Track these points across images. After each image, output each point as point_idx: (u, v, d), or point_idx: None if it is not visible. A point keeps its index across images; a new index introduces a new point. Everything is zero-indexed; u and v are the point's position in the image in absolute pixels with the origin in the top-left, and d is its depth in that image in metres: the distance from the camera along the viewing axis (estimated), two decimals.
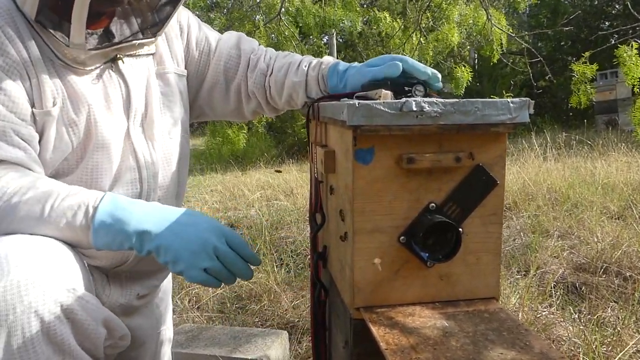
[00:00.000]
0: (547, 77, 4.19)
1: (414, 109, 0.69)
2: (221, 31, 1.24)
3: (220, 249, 0.87)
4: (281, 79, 1.11)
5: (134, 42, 1.00)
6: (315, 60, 1.09)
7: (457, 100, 0.71)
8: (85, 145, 0.96)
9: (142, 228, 0.85)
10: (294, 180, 4.97)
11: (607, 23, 12.25)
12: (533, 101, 0.73)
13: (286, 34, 4.88)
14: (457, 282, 0.77)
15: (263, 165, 7.43)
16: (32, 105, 0.92)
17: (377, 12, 5.54)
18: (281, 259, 2.54)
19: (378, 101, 0.70)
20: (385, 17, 5.51)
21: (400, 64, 0.90)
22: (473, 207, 0.75)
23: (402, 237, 0.74)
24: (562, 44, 12.15)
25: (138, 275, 1.08)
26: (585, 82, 3.69)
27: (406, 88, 0.85)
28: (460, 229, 0.73)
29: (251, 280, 2.17)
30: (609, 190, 3.40)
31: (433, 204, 0.74)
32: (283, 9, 4.82)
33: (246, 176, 5.94)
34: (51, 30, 0.91)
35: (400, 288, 0.75)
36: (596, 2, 12.05)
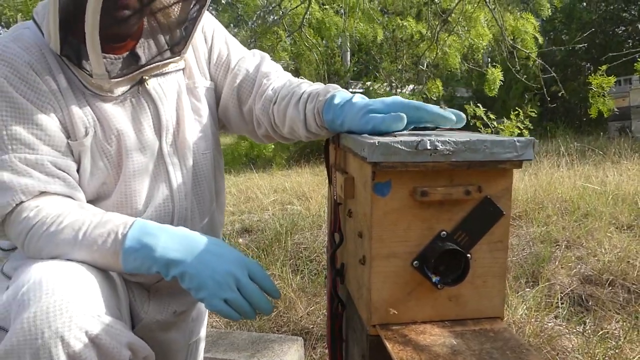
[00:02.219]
0: (560, 92, 4.21)
1: (429, 147, 0.76)
2: (243, 42, 1.22)
3: (242, 281, 0.90)
4: (283, 110, 1.07)
5: (157, 63, 1.02)
6: (315, 91, 1.02)
7: (468, 139, 0.78)
8: (118, 170, 1.02)
9: (168, 255, 0.90)
10: (307, 184, 5.02)
11: (622, 28, 12.19)
12: (537, 140, 0.80)
13: (308, 44, 4.90)
14: (465, 303, 0.84)
15: (276, 167, 7.51)
16: (68, 137, 0.97)
17: (399, 19, 5.55)
18: (296, 265, 2.62)
19: (395, 139, 0.77)
20: (410, 22, 5.51)
21: (405, 118, 0.85)
22: (481, 235, 0.82)
23: (415, 262, 0.81)
24: (576, 49, 12.10)
25: (177, 291, 1.12)
26: (603, 95, 3.70)
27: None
28: (469, 255, 0.80)
29: None
30: (619, 201, 3.43)
31: (444, 232, 0.81)
32: (305, 22, 4.87)
33: (260, 178, 6.02)
34: (76, 63, 0.95)
35: (413, 308, 0.82)
36: (612, 8, 11.99)
